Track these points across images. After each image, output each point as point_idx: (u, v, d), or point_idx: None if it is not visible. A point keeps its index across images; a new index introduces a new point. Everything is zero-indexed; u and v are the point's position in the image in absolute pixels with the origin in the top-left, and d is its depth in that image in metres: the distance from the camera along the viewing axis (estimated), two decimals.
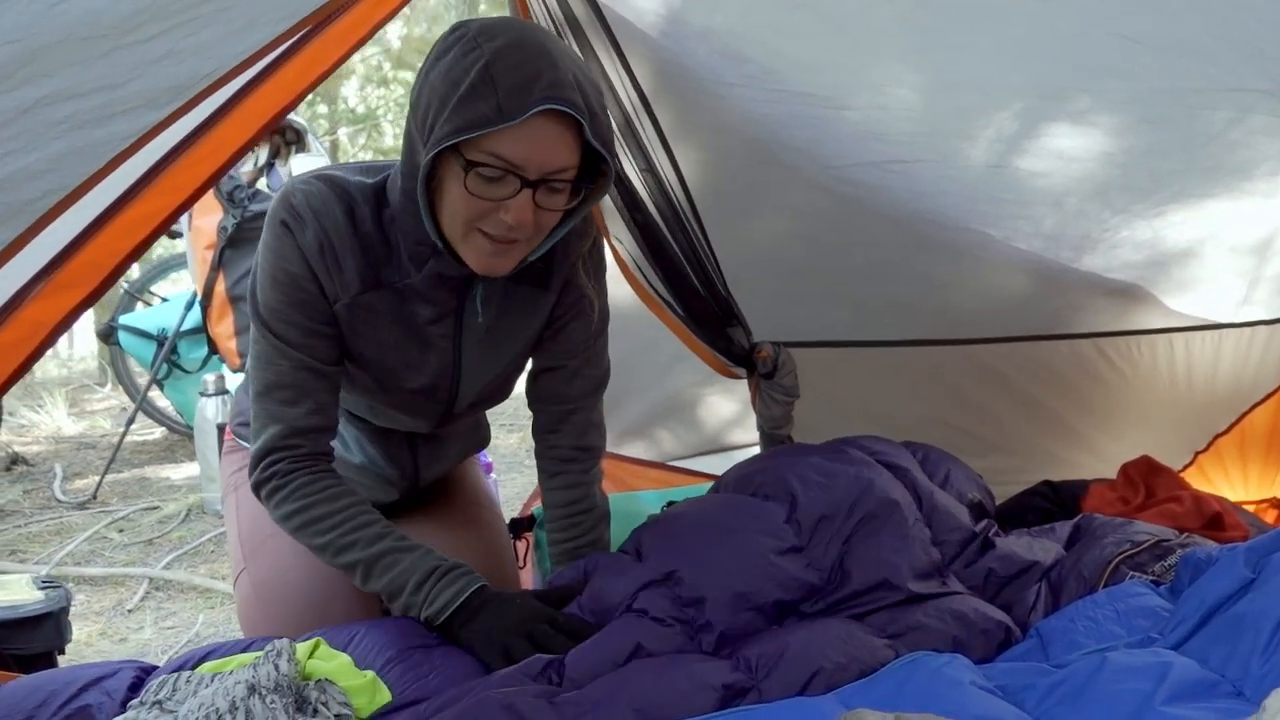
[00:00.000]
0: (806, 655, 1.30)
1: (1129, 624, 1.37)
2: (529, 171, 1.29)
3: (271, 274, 1.43)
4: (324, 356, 1.47)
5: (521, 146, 1.27)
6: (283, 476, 1.46)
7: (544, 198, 1.32)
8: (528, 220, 1.32)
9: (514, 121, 1.23)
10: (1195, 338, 2.29)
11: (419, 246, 1.43)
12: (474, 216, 1.33)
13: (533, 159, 1.28)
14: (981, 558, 1.60)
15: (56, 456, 4.47)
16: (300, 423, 1.46)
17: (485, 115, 1.24)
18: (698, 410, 2.71)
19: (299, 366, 1.44)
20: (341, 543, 1.45)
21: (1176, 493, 1.93)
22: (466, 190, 1.30)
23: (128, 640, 2.65)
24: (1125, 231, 2.06)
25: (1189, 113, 1.80)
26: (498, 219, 1.32)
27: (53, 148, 1.28)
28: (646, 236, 1.96)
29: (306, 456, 1.47)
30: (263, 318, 1.45)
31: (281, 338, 1.44)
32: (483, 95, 1.23)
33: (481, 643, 1.36)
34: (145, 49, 1.27)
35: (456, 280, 1.47)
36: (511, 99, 1.23)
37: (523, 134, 1.26)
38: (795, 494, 1.53)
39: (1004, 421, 2.36)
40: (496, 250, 1.36)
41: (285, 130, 4.03)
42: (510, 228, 1.32)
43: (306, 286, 1.43)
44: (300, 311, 1.43)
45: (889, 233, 2.06)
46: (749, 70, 1.83)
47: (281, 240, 1.42)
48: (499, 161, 1.27)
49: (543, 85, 1.24)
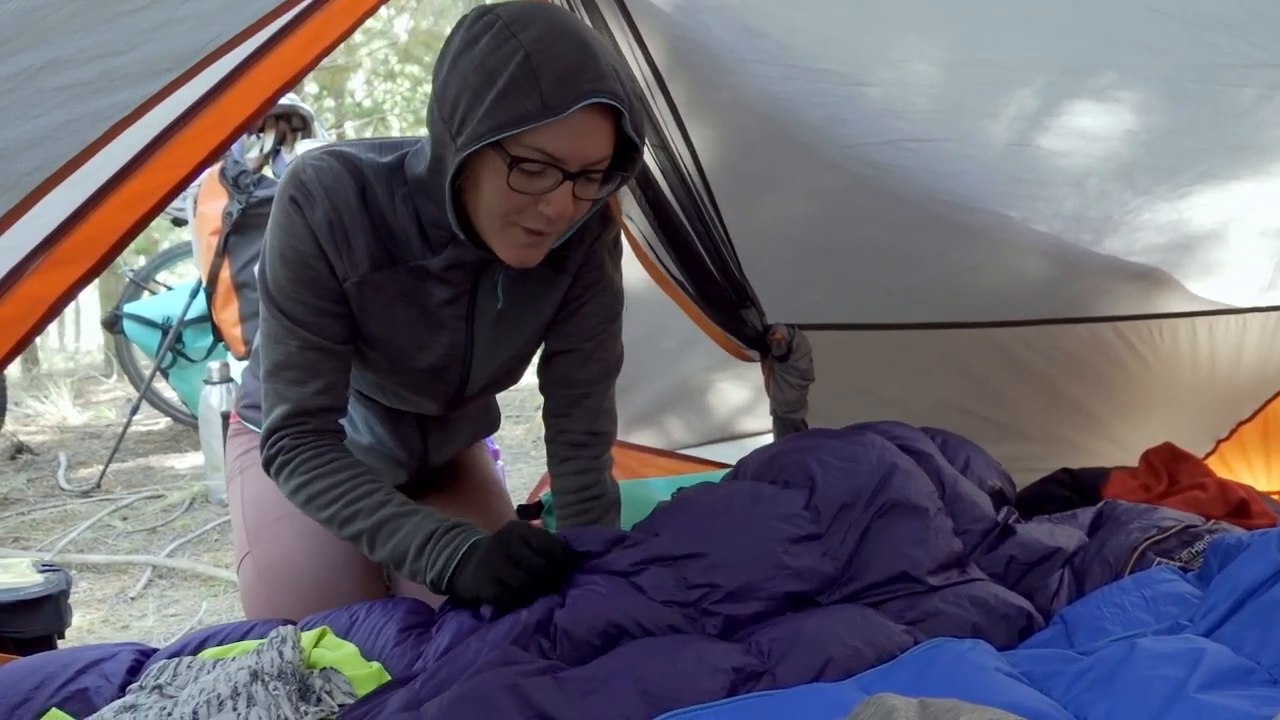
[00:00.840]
0: (821, 640, 1.26)
1: (1157, 611, 1.33)
2: (571, 165, 1.27)
3: (280, 251, 1.41)
4: (333, 335, 1.44)
5: (566, 141, 1.25)
6: (288, 452, 1.45)
7: (582, 189, 1.31)
8: (568, 213, 1.30)
9: (559, 116, 1.21)
10: (1219, 322, 2.25)
11: (437, 230, 1.41)
12: (512, 211, 1.31)
13: (576, 153, 1.26)
14: (1002, 544, 1.56)
15: (61, 446, 4.46)
16: (308, 402, 1.44)
17: (529, 110, 1.21)
18: (708, 397, 2.67)
19: (307, 346, 1.42)
20: (345, 514, 1.42)
21: (1200, 480, 1.89)
22: (509, 186, 1.28)
23: (130, 628, 2.63)
24: (1148, 214, 2.02)
25: (1216, 90, 1.75)
26: (536, 212, 1.30)
27: (51, 117, 1.25)
28: (659, 215, 1.92)
29: (313, 433, 1.46)
30: (271, 295, 1.43)
31: (290, 316, 1.42)
32: (525, 90, 1.21)
33: (474, 584, 1.32)
34: (147, 15, 1.23)
35: (473, 264, 1.45)
36: (555, 93, 1.21)
37: (567, 128, 1.24)
38: (815, 479, 1.49)
39: (1021, 407, 2.32)
40: (532, 242, 1.35)
41: (291, 117, 4.00)
42: (550, 220, 1.31)
43: (315, 265, 1.40)
44: (309, 290, 1.41)
45: (906, 213, 2.02)
46: (765, 46, 1.79)
47: (291, 217, 1.39)
48: (543, 156, 1.25)
49: (587, 78, 1.22)
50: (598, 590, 1.30)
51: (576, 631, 1.24)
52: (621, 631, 1.25)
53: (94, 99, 1.29)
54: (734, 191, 1.99)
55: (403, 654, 1.29)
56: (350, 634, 1.35)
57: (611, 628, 1.24)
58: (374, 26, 8.98)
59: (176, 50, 1.34)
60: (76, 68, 1.22)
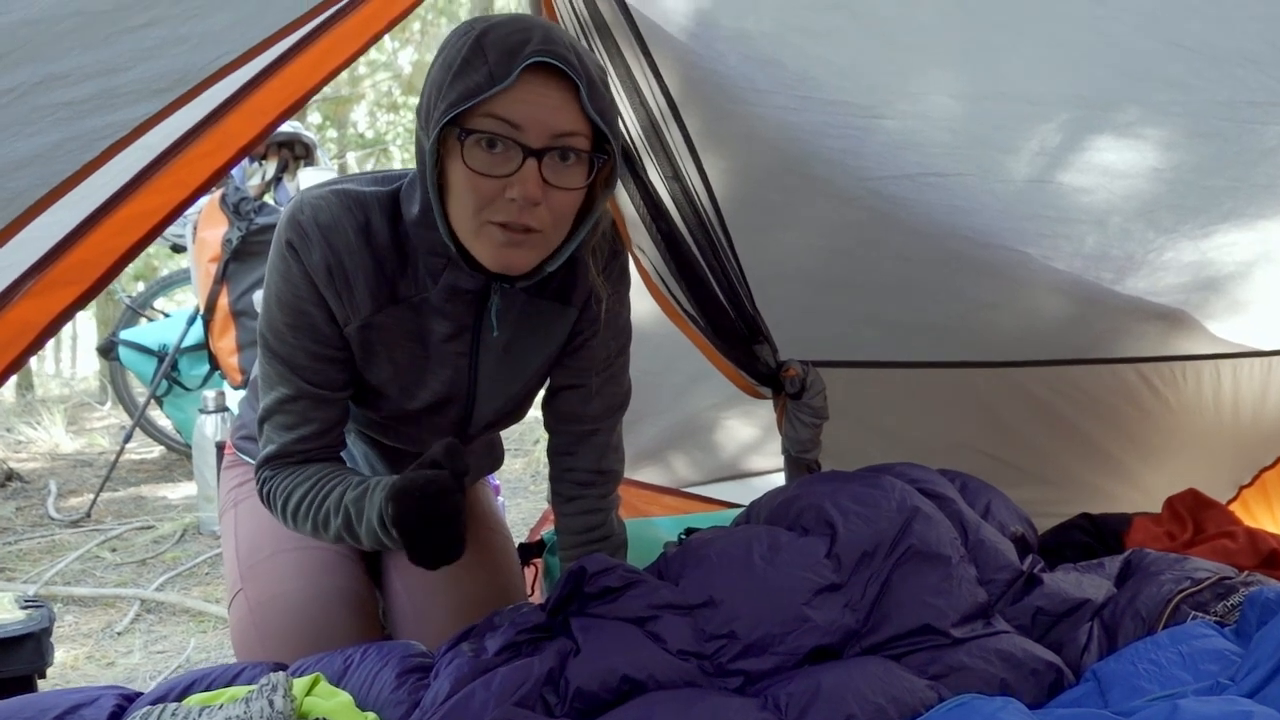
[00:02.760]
0: (841, 696, 1.20)
1: (1195, 668, 1.27)
2: (529, 135, 1.23)
3: (277, 296, 1.38)
4: (328, 382, 1.41)
5: (516, 106, 1.22)
6: (274, 475, 1.43)
7: (552, 171, 1.25)
8: (536, 194, 1.24)
9: (506, 82, 1.20)
10: (1243, 365, 2.21)
11: (433, 257, 1.37)
12: (481, 203, 1.26)
13: (531, 117, 1.22)
14: (1028, 595, 1.51)
15: (52, 473, 4.39)
16: (300, 446, 1.42)
17: (477, 83, 1.20)
18: (715, 434, 2.61)
19: (300, 394, 1.40)
20: (320, 518, 1.38)
21: (1228, 528, 1.83)
22: (468, 167, 1.24)
23: (115, 664, 2.55)
24: (1171, 253, 1.98)
25: (1243, 127, 1.72)
26: (506, 202, 1.25)
27: (46, 135, 1.21)
28: (671, 247, 1.88)
29: (305, 460, 1.43)
30: (268, 340, 1.40)
31: (285, 361, 1.39)
32: (475, 67, 1.21)
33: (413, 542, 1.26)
34: (149, 33, 1.20)
35: (472, 294, 1.40)
36: (501, 64, 1.20)
37: (517, 93, 1.22)
38: (835, 526, 1.43)
39: (1040, 449, 2.27)
40: (510, 240, 1.28)
41: (294, 144, 4.00)
42: (520, 208, 1.24)
43: (312, 312, 1.37)
44: (306, 336, 1.38)
45: (924, 249, 1.98)
46: (781, 76, 1.75)
47: (287, 263, 1.36)
48: (496, 124, 1.22)
49: (533, 44, 1.21)
50: (612, 639, 1.24)
51: (589, 687, 1.18)
52: (635, 686, 1.18)
53: (91, 118, 1.25)
54: (748, 224, 1.95)
55: (399, 701, 1.24)
56: (344, 679, 1.31)
57: (625, 683, 1.18)
58: (378, 58, 9.06)
59: (178, 69, 1.31)
60: (73, 85, 1.18)
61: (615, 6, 1.77)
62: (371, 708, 1.24)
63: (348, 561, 1.69)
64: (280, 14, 1.40)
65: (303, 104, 1.69)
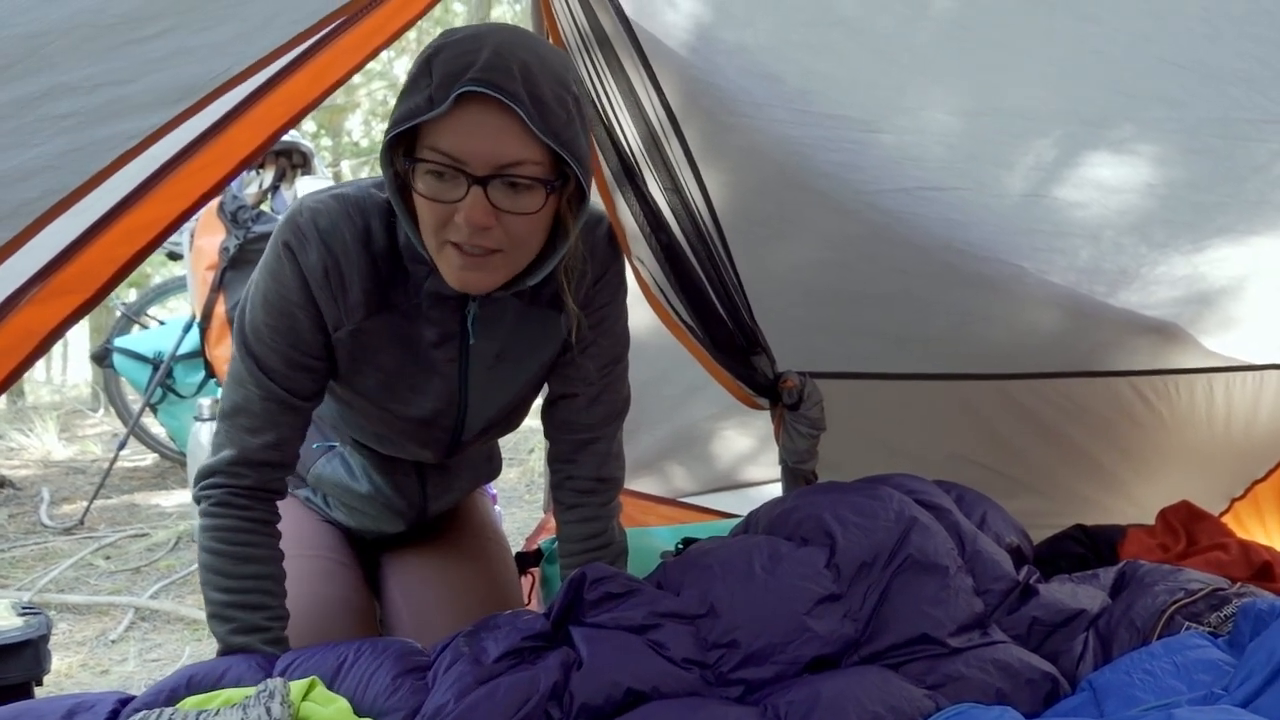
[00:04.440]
0: (840, 705, 1.21)
1: (1189, 678, 1.28)
2: (473, 166, 1.21)
3: (264, 295, 1.37)
4: (299, 390, 1.40)
5: (455, 138, 1.20)
6: (215, 505, 1.39)
7: (502, 198, 1.23)
8: (480, 221, 1.22)
9: (440, 109, 1.17)
10: (1235, 379, 2.22)
11: (419, 264, 1.37)
12: (437, 224, 1.25)
13: (470, 150, 1.20)
14: (1024, 605, 1.52)
15: (45, 481, 4.37)
16: (256, 454, 1.39)
17: (417, 105, 1.19)
18: (712, 445, 2.62)
19: (269, 396, 1.38)
20: (217, 610, 1.38)
21: (1221, 540, 1.84)
22: (419, 193, 1.24)
23: (110, 672, 2.55)
24: (1164, 267, 2.00)
25: (1235, 144, 1.74)
26: (456, 225, 1.24)
27: (54, 145, 1.21)
28: (670, 258, 1.89)
29: (249, 489, 1.40)
30: (245, 338, 1.39)
31: (259, 362, 1.38)
32: (419, 88, 1.19)
33: None
34: (157, 44, 1.20)
35: (455, 301, 1.40)
36: (441, 88, 1.18)
37: (453, 124, 1.19)
38: (834, 536, 1.44)
39: (1034, 461, 2.28)
40: (468, 264, 1.27)
41: (292, 153, 3.99)
42: (470, 233, 1.23)
43: (298, 314, 1.36)
44: (285, 340, 1.37)
45: (920, 262, 1.99)
46: (780, 90, 1.77)
47: (282, 262, 1.35)
48: (438, 156, 1.21)
49: (474, 70, 1.17)
50: (615, 650, 1.24)
51: (594, 701, 1.18)
52: (638, 697, 1.19)
53: (99, 128, 1.26)
54: (746, 236, 1.96)
55: (397, 706, 1.23)
56: (338, 679, 1.29)
57: (628, 695, 1.19)
58: (373, 68, 9.06)
59: (186, 81, 1.31)
60: (83, 95, 1.18)
61: (616, 20, 1.78)
62: (367, 711, 1.23)
63: (346, 570, 1.70)
64: (285, 28, 1.41)
65: (304, 116, 1.71)
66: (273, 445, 1.39)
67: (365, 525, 1.73)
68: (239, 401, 1.39)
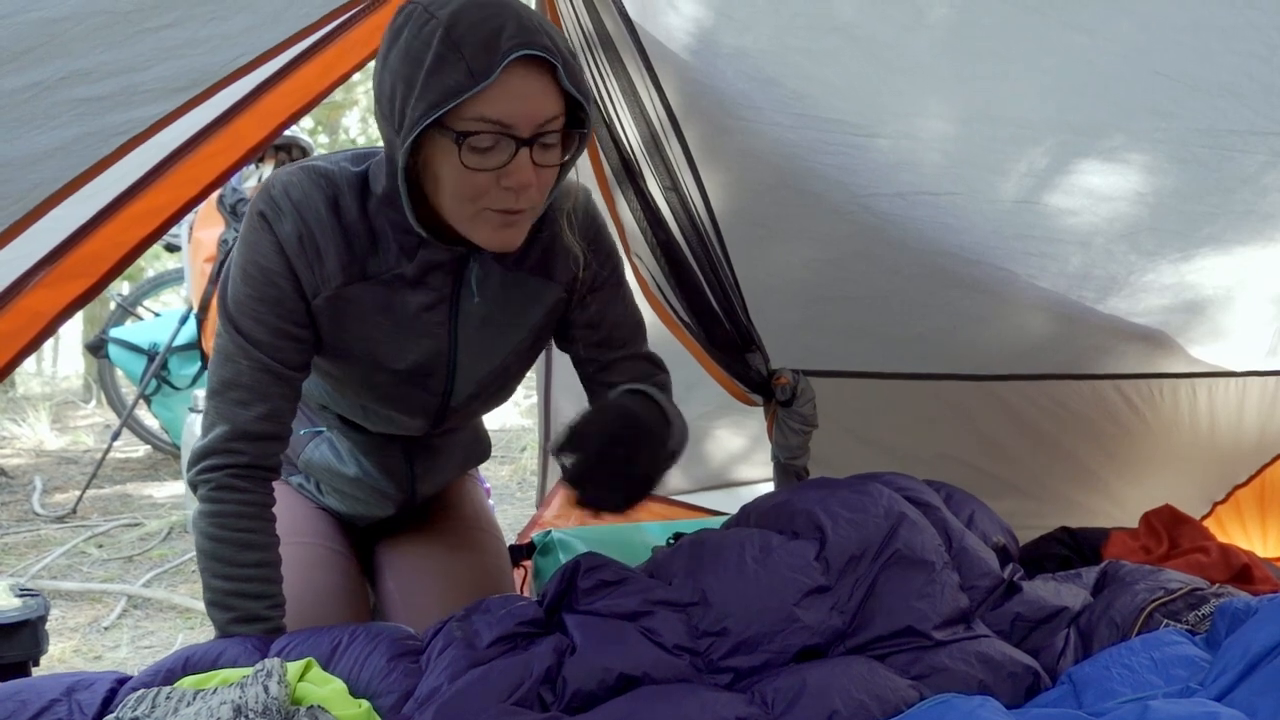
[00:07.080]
0: (826, 693, 1.23)
1: (1166, 673, 1.31)
2: (520, 129, 1.23)
3: (244, 267, 1.38)
4: (288, 359, 1.40)
5: (505, 103, 1.21)
6: (215, 489, 1.39)
7: (540, 155, 1.26)
8: (531, 181, 1.26)
9: (489, 80, 1.18)
10: (1219, 385, 2.25)
11: (407, 236, 1.38)
12: (477, 194, 1.27)
13: (520, 114, 1.23)
14: (1008, 601, 1.54)
15: (37, 470, 4.37)
16: (250, 426, 1.39)
17: (459, 82, 1.19)
18: (704, 444, 2.65)
19: (259, 367, 1.38)
20: (218, 598, 1.39)
21: (1202, 543, 1.87)
22: (464, 165, 1.24)
23: (103, 658, 2.56)
24: (1152, 274, 2.03)
25: (1223, 155, 1.77)
26: (501, 190, 1.26)
27: (67, 129, 1.24)
28: (668, 256, 1.92)
29: (247, 468, 1.40)
30: (230, 312, 1.39)
31: (246, 335, 1.38)
32: (450, 63, 1.18)
33: None
34: (170, 34, 1.23)
35: (450, 264, 1.42)
36: (480, 59, 1.18)
37: (502, 90, 1.21)
38: (825, 530, 1.47)
39: (1021, 462, 2.31)
40: (507, 222, 1.30)
41: (291, 148, 4.00)
42: (517, 196, 1.27)
43: (279, 283, 1.37)
44: (269, 309, 1.38)
45: (913, 265, 2.02)
46: (778, 94, 1.80)
47: (258, 233, 1.37)
48: (488, 125, 1.22)
49: (509, 36, 1.19)
50: (608, 636, 1.27)
51: (586, 686, 1.21)
52: (630, 682, 1.22)
53: (112, 114, 1.28)
54: (743, 236, 1.99)
55: (391, 688, 1.24)
56: (333, 661, 1.30)
57: (620, 680, 1.22)
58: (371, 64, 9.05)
59: (197, 70, 1.34)
60: (96, 82, 1.21)
61: (620, 22, 1.81)
62: (362, 693, 1.24)
63: (341, 558, 1.71)
64: (295, 20, 1.43)
65: (312, 108, 1.73)
66: (265, 416, 1.39)
67: (356, 510, 1.74)
68: (228, 377, 1.39)
